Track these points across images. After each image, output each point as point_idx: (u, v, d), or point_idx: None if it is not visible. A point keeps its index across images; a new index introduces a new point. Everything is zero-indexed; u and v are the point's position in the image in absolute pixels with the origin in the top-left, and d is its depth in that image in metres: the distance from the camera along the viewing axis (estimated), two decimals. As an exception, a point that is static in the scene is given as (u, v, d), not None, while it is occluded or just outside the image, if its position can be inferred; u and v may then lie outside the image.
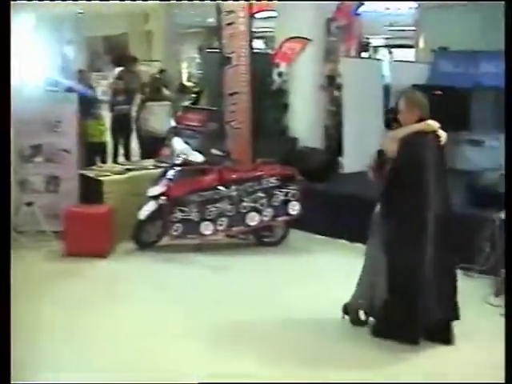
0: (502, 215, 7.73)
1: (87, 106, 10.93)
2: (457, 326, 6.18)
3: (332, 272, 8.09)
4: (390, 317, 6.08)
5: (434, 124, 6.00)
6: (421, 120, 5.97)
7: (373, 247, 6.25)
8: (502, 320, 6.68)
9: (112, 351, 5.91)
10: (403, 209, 5.94)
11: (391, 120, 6.20)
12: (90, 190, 9.13)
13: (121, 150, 12.94)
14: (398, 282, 5.99)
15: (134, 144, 12.93)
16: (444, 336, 6.11)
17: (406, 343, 5.97)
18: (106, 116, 12.66)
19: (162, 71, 17.67)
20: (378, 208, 6.22)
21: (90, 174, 9.41)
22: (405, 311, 5.99)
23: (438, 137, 6.02)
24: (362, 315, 6.46)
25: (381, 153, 6.06)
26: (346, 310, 6.51)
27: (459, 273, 7.37)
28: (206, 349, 5.97)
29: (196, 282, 7.79)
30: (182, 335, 6.30)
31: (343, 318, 6.51)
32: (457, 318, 6.14)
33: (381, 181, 6.09)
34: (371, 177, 6.25)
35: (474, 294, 7.24)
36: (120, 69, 16.77)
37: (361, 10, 17.39)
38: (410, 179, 5.89)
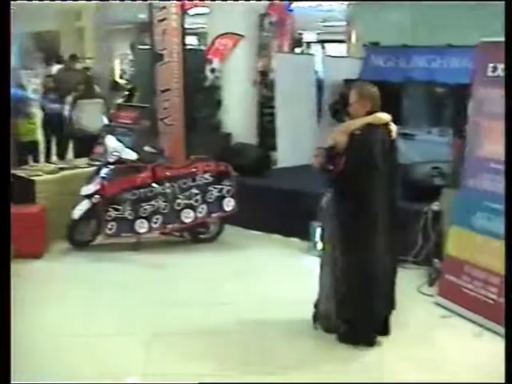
0: (434, 207, 7.90)
1: (18, 104, 10.75)
2: (395, 315, 6.23)
3: (268, 267, 8.14)
4: (347, 318, 6.00)
5: (385, 116, 5.90)
6: (372, 112, 5.85)
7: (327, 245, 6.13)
8: (436, 309, 6.87)
9: (47, 352, 5.85)
10: (355, 202, 5.79)
11: (337, 111, 6.20)
12: (22, 190, 8.99)
13: (54, 149, 12.77)
14: (352, 279, 5.90)
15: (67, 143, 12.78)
16: (382, 327, 6.13)
17: (364, 345, 5.95)
18: (39, 114, 12.49)
19: (88, 68, 17.48)
20: (324, 202, 6.09)
21: (22, 173, 9.26)
22: (361, 310, 5.95)
23: (389, 130, 5.93)
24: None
25: (331, 146, 5.94)
26: (316, 317, 6.31)
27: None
28: (143, 348, 5.92)
29: (132, 280, 7.74)
30: (117, 334, 6.26)
31: (316, 328, 6.28)
32: (393, 308, 6.18)
33: (330, 174, 5.89)
34: (318, 169, 6.10)
35: (408, 285, 7.36)
36: (59, 66, 16.53)
37: (293, 5, 17.47)
38: (362, 172, 5.73)
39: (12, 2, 5.55)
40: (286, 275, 7.86)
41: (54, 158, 12.54)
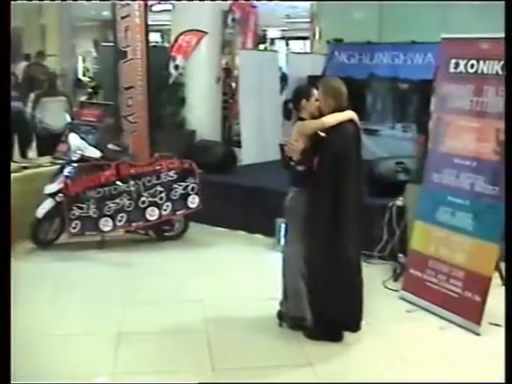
0: (398, 202, 7.95)
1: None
2: None
3: (233, 264, 8.14)
4: (318, 315, 5.97)
5: (352, 114, 5.84)
6: (339, 108, 5.78)
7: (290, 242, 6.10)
8: (401, 303, 6.92)
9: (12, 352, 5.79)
10: (329, 200, 5.71)
11: (290, 111, 6.16)
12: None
13: (16, 148, 12.62)
14: (322, 276, 5.87)
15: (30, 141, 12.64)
16: (353, 324, 6.10)
17: (331, 340, 5.98)
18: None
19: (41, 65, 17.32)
20: (289, 199, 6.03)
21: (-16, 172, 9.15)
22: (329, 306, 5.92)
23: (357, 126, 5.89)
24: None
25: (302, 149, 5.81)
26: (281, 316, 6.28)
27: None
28: (109, 347, 5.87)
29: (97, 279, 7.70)
30: (83, 334, 6.22)
31: (280, 325, 6.26)
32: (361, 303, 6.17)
33: (301, 174, 5.85)
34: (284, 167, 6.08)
35: (373, 280, 7.40)
36: (25, 63, 16.35)
37: (257, 2, 17.49)
38: (338, 171, 5.66)
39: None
40: (252, 272, 7.87)
41: (16, 156, 12.40)
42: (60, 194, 8.45)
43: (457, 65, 6.72)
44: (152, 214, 8.70)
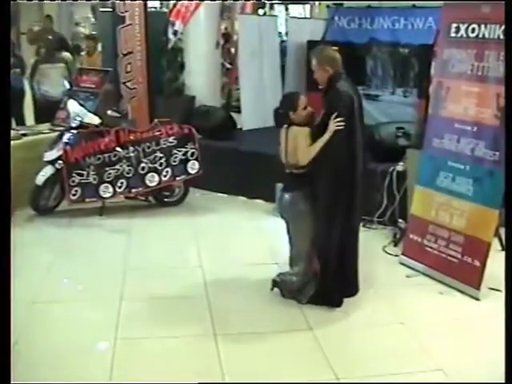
0: (399, 167, 7.94)
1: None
2: (361, 274, 6.30)
3: (233, 229, 8.17)
4: (325, 281, 6.00)
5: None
6: (334, 75, 5.78)
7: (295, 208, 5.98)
8: (401, 268, 6.95)
9: (13, 320, 5.81)
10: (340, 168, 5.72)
11: (283, 119, 5.98)
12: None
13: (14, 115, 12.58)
14: (333, 243, 5.89)
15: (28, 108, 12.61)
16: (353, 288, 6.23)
17: (333, 306, 6.02)
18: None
19: (54, 32, 17.24)
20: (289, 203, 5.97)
21: (-18, 140, 9.13)
22: (335, 272, 5.96)
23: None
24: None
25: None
26: (276, 283, 6.25)
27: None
28: (111, 313, 5.90)
29: (97, 245, 7.72)
30: (84, 300, 6.26)
31: (272, 289, 6.26)
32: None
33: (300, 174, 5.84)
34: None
35: (373, 245, 7.42)
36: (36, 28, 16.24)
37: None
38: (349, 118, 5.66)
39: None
40: (252, 237, 7.89)
41: (13, 124, 12.37)
42: (60, 161, 8.43)
43: (458, 29, 6.67)
44: (152, 180, 8.70)
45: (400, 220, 7.79)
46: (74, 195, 8.44)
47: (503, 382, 3.80)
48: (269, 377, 4.89)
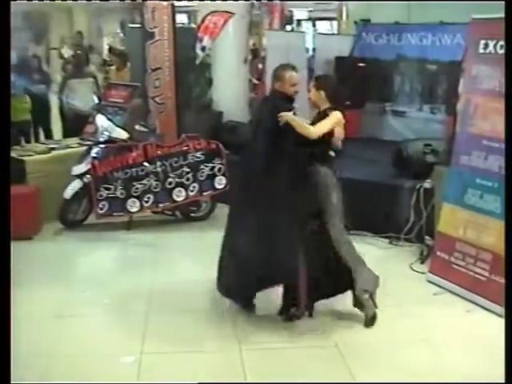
0: (426, 184, 7.91)
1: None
2: (388, 292, 6.32)
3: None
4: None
5: None
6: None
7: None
8: (428, 285, 6.90)
9: (41, 332, 5.85)
10: None
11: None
12: (13, 171, 8.92)
13: (46, 130, 12.69)
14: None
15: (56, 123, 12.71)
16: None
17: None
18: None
19: (84, 47, 17.43)
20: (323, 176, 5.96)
21: (13, 154, 9.19)
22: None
23: None
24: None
25: None
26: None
27: (386, 241, 7.57)
28: (137, 327, 5.93)
29: (124, 259, 7.76)
30: (114, 314, 6.30)
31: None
32: None
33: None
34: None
35: (400, 262, 7.39)
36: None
37: (284, -17, 17.41)
38: None
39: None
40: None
41: (42, 138, 12.46)
42: (88, 175, 8.50)
43: (486, 45, 6.65)
44: (179, 195, 8.73)
45: (427, 237, 7.75)
46: (102, 209, 8.49)
47: (503, 382, 3.80)
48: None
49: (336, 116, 5.85)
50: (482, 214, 6.56)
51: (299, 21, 28.35)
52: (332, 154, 5.98)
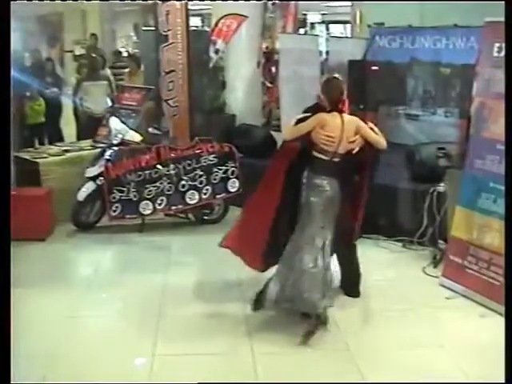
0: (439, 188, 7.88)
1: (22, 87, 10.75)
2: (401, 295, 6.44)
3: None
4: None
5: None
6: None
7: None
8: (441, 289, 6.88)
9: (53, 333, 5.86)
10: None
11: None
12: (27, 173, 8.99)
13: (56, 132, 12.74)
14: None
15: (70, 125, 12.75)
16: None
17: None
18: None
19: (98, 50, 17.47)
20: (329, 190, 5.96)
21: (27, 156, 9.25)
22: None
23: None
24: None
25: None
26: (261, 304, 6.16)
27: (399, 245, 7.57)
28: (152, 330, 5.93)
29: (137, 262, 7.77)
30: (126, 316, 6.33)
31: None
32: None
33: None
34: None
35: (413, 266, 7.37)
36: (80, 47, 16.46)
37: (298, -14, 17.36)
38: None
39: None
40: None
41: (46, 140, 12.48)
42: (101, 178, 8.52)
43: (500, 49, 6.62)
44: (192, 198, 8.74)
45: (440, 241, 7.74)
46: (115, 211, 8.51)
47: (503, 382, 3.78)
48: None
49: (314, 118, 5.90)
50: (496, 219, 6.53)
51: (312, 24, 28.33)
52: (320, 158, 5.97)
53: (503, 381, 4.17)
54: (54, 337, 5.79)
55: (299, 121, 5.97)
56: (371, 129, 5.92)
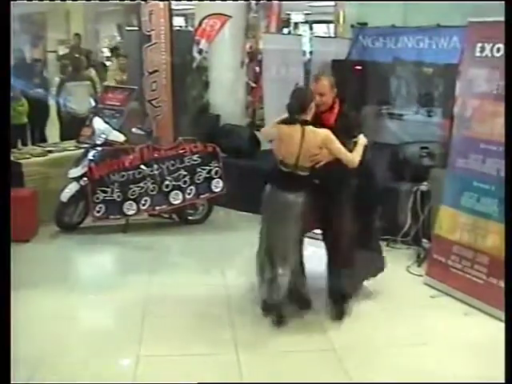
0: (423, 187, 7.91)
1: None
2: (385, 295, 6.49)
3: (256, 247, 8.13)
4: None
5: None
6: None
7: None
8: (425, 288, 6.90)
9: (38, 334, 5.83)
10: None
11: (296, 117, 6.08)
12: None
13: (39, 133, 12.69)
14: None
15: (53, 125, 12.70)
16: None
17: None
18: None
19: (82, 50, 17.42)
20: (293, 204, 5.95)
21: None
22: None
23: None
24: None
25: None
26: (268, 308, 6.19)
27: (383, 244, 7.58)
28: (137, 331, 5.91)
29: (121, 262, 7.75)
30: (110, 317, 6.32)
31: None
32: None
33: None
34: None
35: (397, 265, 7.38)
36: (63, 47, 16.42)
37: (281, -14, 17.37)
38: None
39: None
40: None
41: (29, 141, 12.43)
42: (84, 178, 8.49)
43: (483, 48, 6.65)
44: (176, 198, 8.72)
45: (424, 240, 7.76)
46: (98, 212, 8.48)
47: (503, 382, 3.79)
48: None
49: (274, 127, 6.05)
50: (479, 217, 6.56)
51: (296, 24, 28.40)
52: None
53: (491, 377, 4.19)
54: (37, 338, 5.76)
55: (280, 123, 5.94)
56: (354, 143, 5.86)
